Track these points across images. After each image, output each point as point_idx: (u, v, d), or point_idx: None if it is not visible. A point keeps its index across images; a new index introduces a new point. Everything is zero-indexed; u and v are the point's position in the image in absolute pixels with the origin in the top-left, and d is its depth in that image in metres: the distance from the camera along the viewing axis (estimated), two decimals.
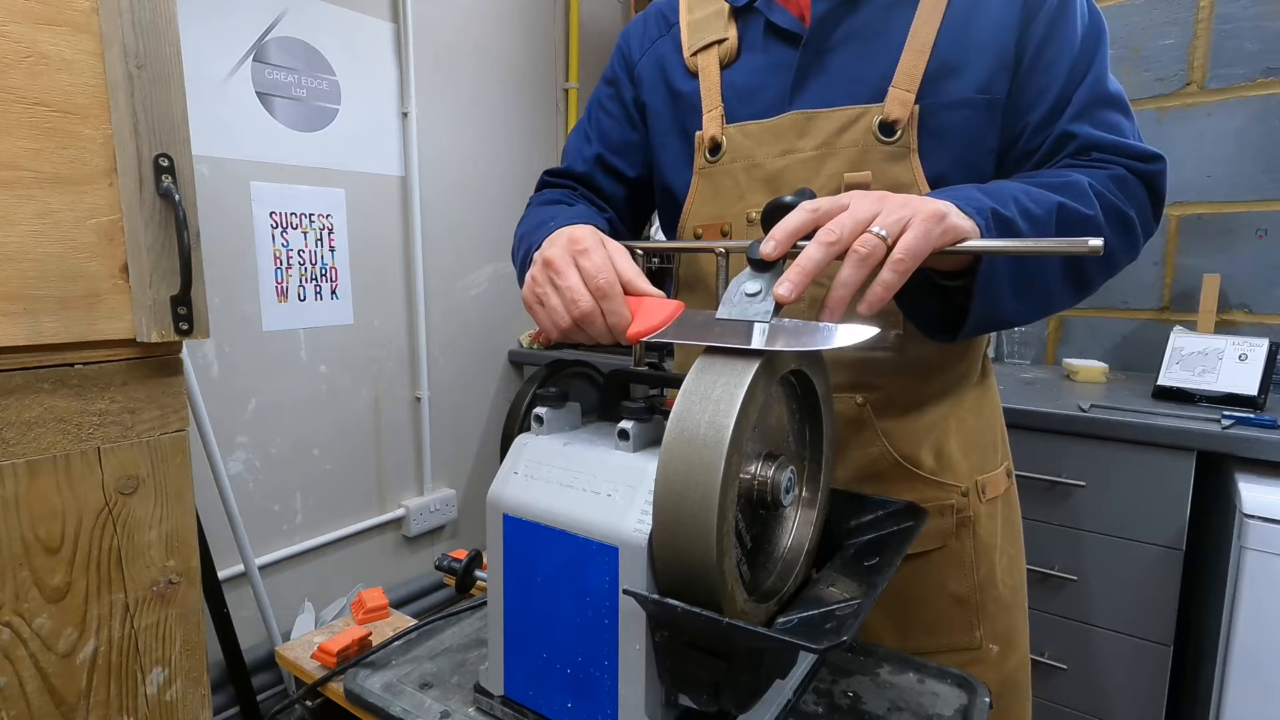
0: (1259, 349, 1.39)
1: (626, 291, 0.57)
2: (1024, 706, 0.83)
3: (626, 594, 0.49)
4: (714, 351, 0.50)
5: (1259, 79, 1.57)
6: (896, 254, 0.50)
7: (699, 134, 0.77)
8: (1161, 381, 1.45)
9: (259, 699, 1.56)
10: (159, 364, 0.81)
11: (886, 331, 0.72)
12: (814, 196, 0.55)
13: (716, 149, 0.76)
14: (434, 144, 1.95)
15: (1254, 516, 1.10)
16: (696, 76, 0.78)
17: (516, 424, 0.65)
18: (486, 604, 0.62)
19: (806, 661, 0.63)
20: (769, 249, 0.52)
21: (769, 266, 0.52)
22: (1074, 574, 1.37)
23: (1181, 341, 1.48)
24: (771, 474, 0.51)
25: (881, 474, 0.75)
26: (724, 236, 0.76)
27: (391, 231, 1.88)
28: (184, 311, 0.79)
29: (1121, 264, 0.68)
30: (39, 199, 0.70)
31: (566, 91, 2.33)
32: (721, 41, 0.76)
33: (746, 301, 0.52)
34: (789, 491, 0.52)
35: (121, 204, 0.75)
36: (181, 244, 0.77)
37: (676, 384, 0.50)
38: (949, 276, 0.62)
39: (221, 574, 1.50)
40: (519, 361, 2.26)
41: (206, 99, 1.49)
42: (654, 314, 0.55)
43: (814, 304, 0.71)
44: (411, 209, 1.90)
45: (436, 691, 0.64)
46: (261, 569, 1.61)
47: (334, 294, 1.76)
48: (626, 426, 0.54)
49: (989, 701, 0.61)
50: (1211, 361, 1.42)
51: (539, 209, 0.82)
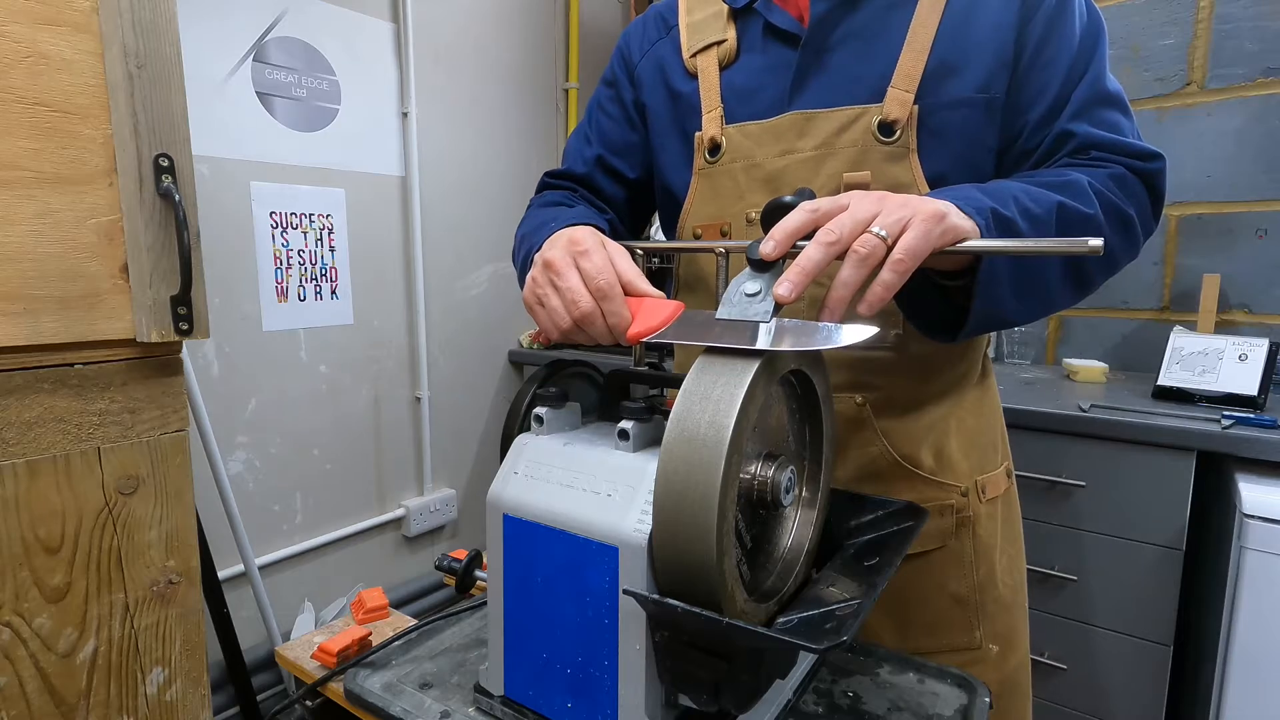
0: (1259, 349, 1.39)
1: (627, 292, 0.57)
2: (1024, 706, 0.83)
3: (626, 594, 0.49)
4: (714, 351, 0.50)
5: (1259, 79, 1.57)
6: (896, 254, 0.50)
7: (698, 134, 0.77)
8: (1161, 381, 1.45)
9: (259, 699, 1.56)
10: (159, 364, 0.81)
11: (886, 331, 0.72)
12: (814, 196, 0.55)
13: (716, 149, 0.76)
14: (434, 144, 1.95)
15: (1254, 516, 1.10)
16: (696, 78, 0.78)
17: (516, 424, 0.65)
18: (486, 604, 0.62)
19: (806, 661, 0.63)
20: (769, 249, 0.52)
21: (769, 266, 0.52)
22: (1074, 574, 1.37)
23: (1181, 341, 1.48)
24: (771, 474, 0.51)
25: (881, 474, 0.75)
26: (724, 236, 0.76)
27: (391, 231, 1.88)
28: (184, 311, 0.79)
29: (1122, 263, 0.68)
30: (39, 199, 0.70)
31: (566, 92, 2.33)
32: (721, 43, 0.76)
33: (746, 301, 0.52)
34: (789, 491, 0.52)
35: (121, 204, 0.75)
36: (181, 244, 0.77)
37: (676, 384, 0.50)
38: (949, 276, 0.62)
39: (221, 574, 1.50)
40: (519, 361, 2.26)
41: (206, 99, 1.49)
42: (654, 314, 0.56)
43: (814, 304, 0.72)
44: (411, 209, 1.90)
45: (436, 691, 0.64)
46: (261, 569, 1.61)
47: (334, 294, 1.76)
48: (626, 426, 0.54)
49: (989, 701, 0.61)
50: (1211, 361, 1.42)
51: (539, 210, 0.82)
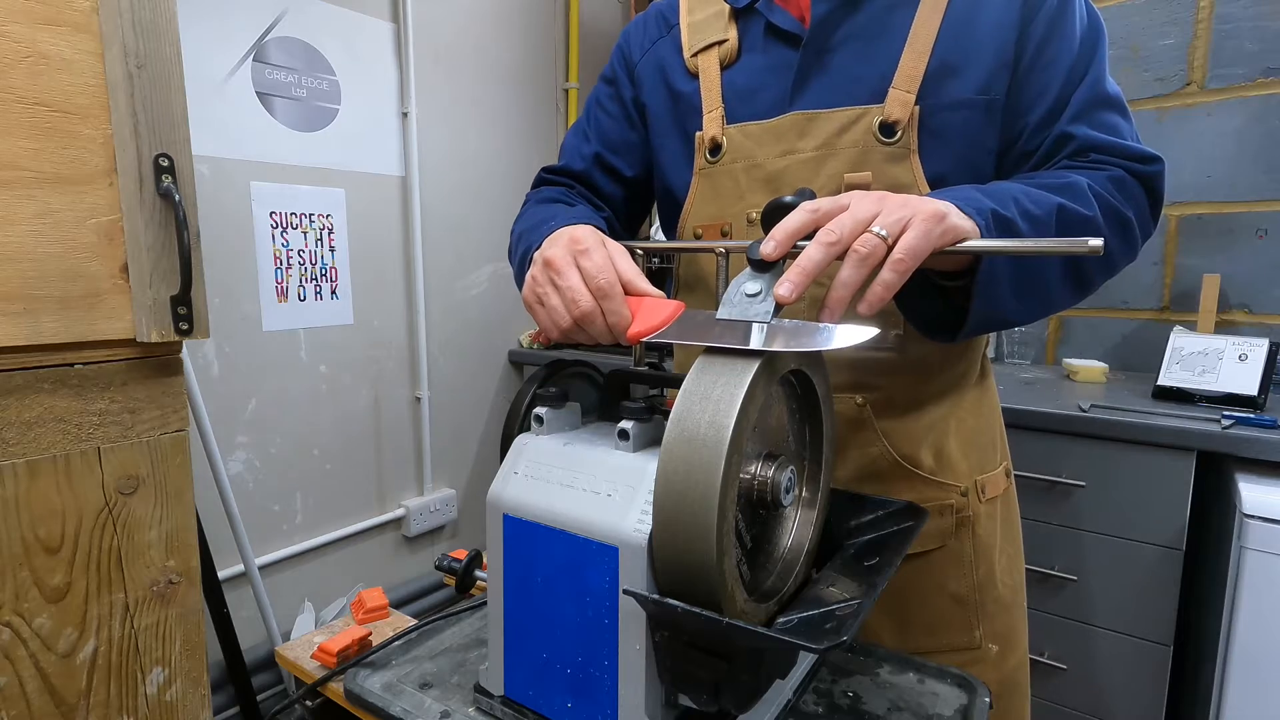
0: (1259, 349, 1.39)
1: (627, 291, 0.57)
2: (1023, 706, 0.83)
3: (626, 594, 0.49)
4: (714, 352, 0.50)
5: (1259, 79, 1.57)
6: (896, 254, 0.50)
7: (699, 134, 0.77)
8: (1161, 381, 1.45)
9: (259, 699, 1.56)
10: (159, 364, 0.81)
11: (886, 332, 0.72)
12: (814, 197, 0.55)
13: (717, 149, 0.76)
14: (434, 144, 1.95)
15: (1254, 516, 1.10)
16: (697, 77, 0.78)
17: (516, 424, 0.65)
18: (486, 604, 0.62)
19: (806, 661, 0.63)
20: (769, 249, 0.52)
21: (769, 267, 0.52)
22: (1074, 574, 1.37)
23: (1181, 341, 1.48)
24: (771, 474, 0.51)
25: (881, 474, 0.75)
26: (724, 237, 0.76)
27: (391, 231, 1.88)
28: (184, 311, 0.79)
29: (1121, 265, 0.68)
30: (39, 199, 0.70)
31: (566, 91, 2.33)
32: (722, 42, 0.76)
33: (747, 302, 0.52)
34: (789, 491, 0.52)
35: (121, 204, 0.75)
36: (181, 244, 0.77)
37: (676, 384, 0.50)
38: (949, 277, 0.62)
39: (221, 574, 1.50)
40: (519, 361, 2.26)
41: (206, 99, 1.49)
42: (654, 314, 0.56)
43: (814, 304, 0.71)
44: (411, 209, 1.90)
45: (436, 691, 0.63)
46: (261, 569, 1.61)
47: (334, 294, 1.76)
48: (626, 426, 0.54)
49: (989, 701, 0.61)
50: (1211, 361, 1.42)
51: (537, 207, 0.82)
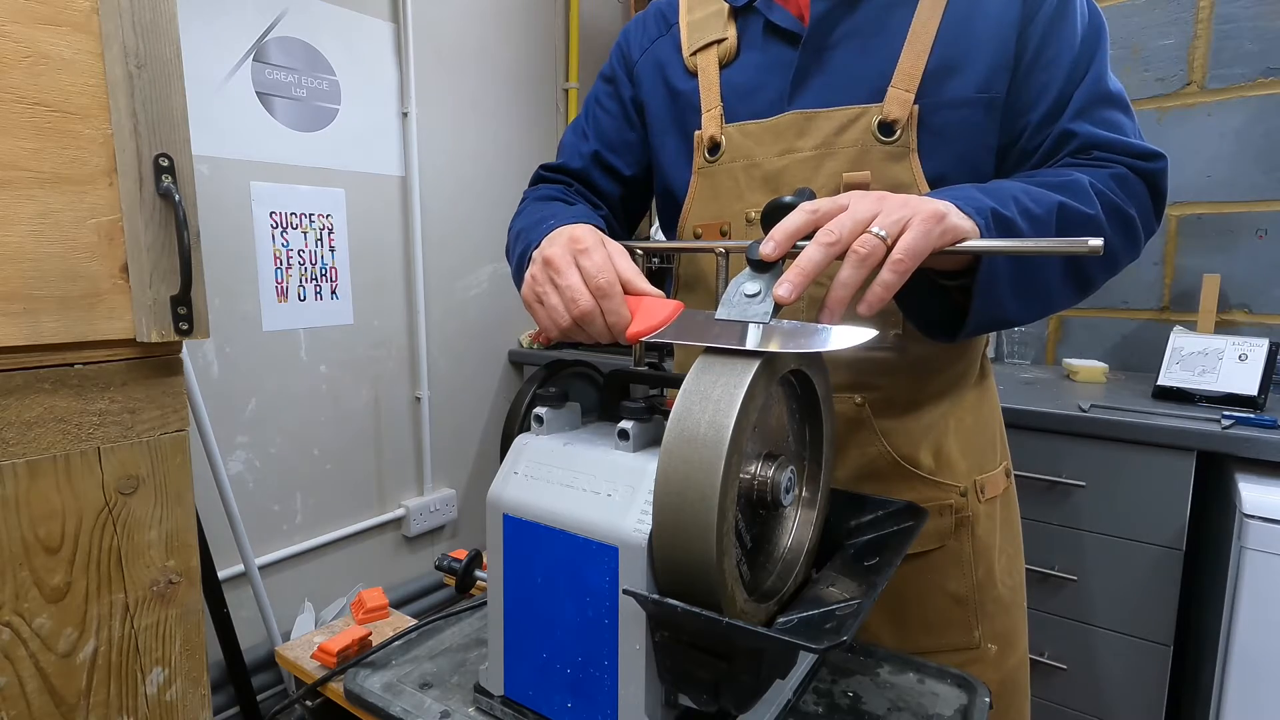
0: (1259, 349, 1.39)
1: (626, 291, 0.57)
2: (1023, 706, 0.83)
3: (626, 594, 0.49)
4: (714, 352, 0.50)
5: (1259, 79, 1.57)
6: (896, 254, 0.50)
7: (698, 134, 0.77)
8: (1161, 381, 1.45)
9: (259, 699, 1.56)
10: (159, 364, 0.81)
11: (886, 332, 0.72)
12: (814, 196, 0.55)
13: (715, 148, 0.76)
14: (434, 144, 1.95)
15: (1254, 516, 1.10)
16: (696, 76, 0.78)
17: (516, 424, 0.65)
18: (486, 604, 0.62)
19: (806, 661, 0.63)
20: (768, 250, 0.52)
21: (768, 267, 0.52)
22: (1074, 574, 1.37)
23: (1181, 341, 1.48)
24: (771, 474, 0.51)
25: (880, 474, 0.75)
26: (723, 236, 0.76)
27: (391, 231, 1.88)
28: (184, 311, 0.79)
29: (1123, 263, 0.68)
30: (39, 199, 0.70)
31: (566, 91, 2.33)
32: (721, 41, 0.76)
33: (746, 302, 0.52)
34: (789, 491, 0.52)
35: (121, 204, 0.75)
36: (181, 244, 0.77)
37: (676, 384, 0.50)
38: (949, 276, 0.61)
39: (221, 574, 1.50)
40: (519, 361, 2.26)
41: (206, 99, 1.49)
42: (653, 314, 0.55)
43: (814, 304, 0.71)
44: (411, 209, 1.90)
45: (436, 691, 0.63)
46: (261, 569, 1.61)
47: (334, 294, 1.76)
48: (626, 426, 0.54)
49: (989, 701, 0.61)
50: (1211, 361, 1.42)
51: (536, 205, 0.82)
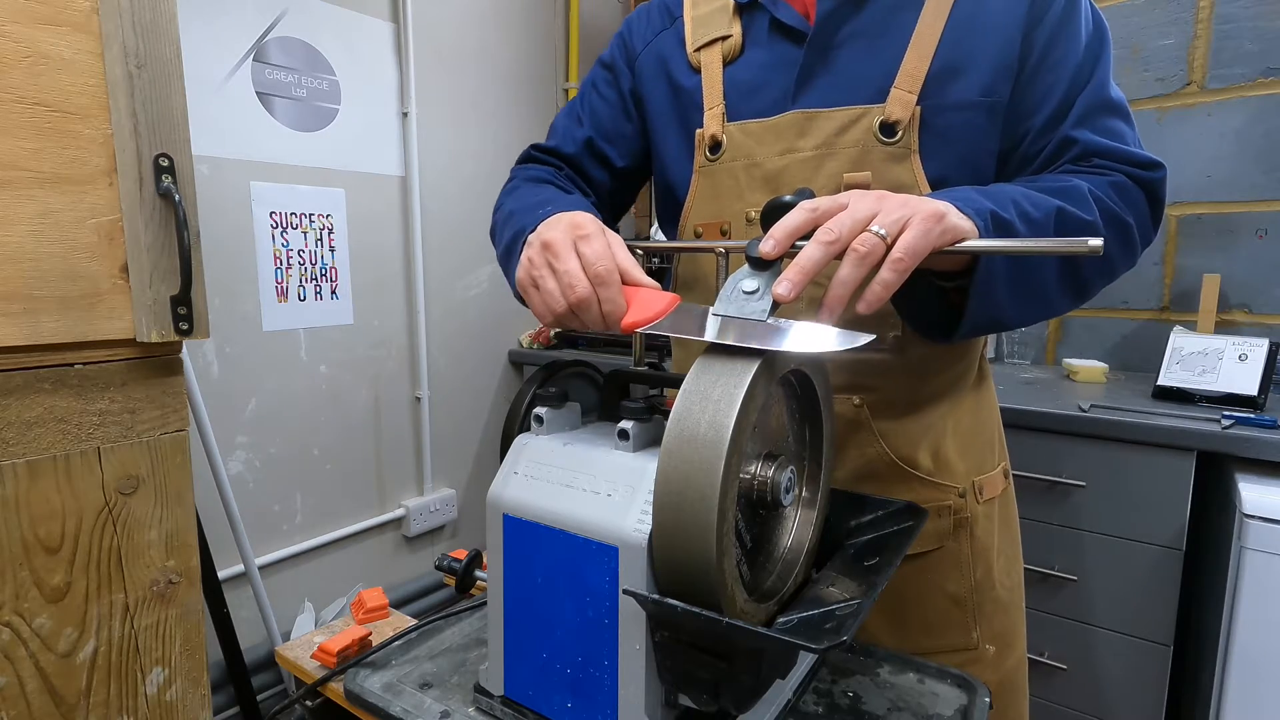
0: (1259, 349, 1.39)
1: (624, 282, 0.56)
2: (1021, 706, 0.83)
3: (626, 594, 0.49)
4: (714, 351, 0.50)
5: (1259, 79, 1.57)
6: (896, 253, 0.50)
7: (699, 132, 0.77)
8: (1161, 381, 1.45)
9: (259, 699, 1.56)
10: (159, 364, 0.81)
11: (885, 333, 0.72)
12: (813, 196, 0.55)
13: (716, 147, 0.76)
14: (434, 144, 1.95)
15: (1254, 516, 1.10)
16: (699, 72, 0.77)
17: (516, 424, 0.65)
18: (486, 604, 0.62)
19: (806, 661, 0.63)
20: (768, 248, 0.52)
21: (768, 265, 0.52)
22: (1074, 574, 1.37)
23: (1181, 341, 1.48)
24: (771, 474, 0.51)
25: (878, 475, 0.75)
26: (724, 236, 0.76)
27: (391, 231, 1.88)
28: (184, 311, 0.79)
29: (1119, 270, 0.68)
30: (39, 199, 0.70)
31: (566, 91, 2.33)
32: (725, 38, 0.76)
33: (744, 299, 0.52)
34: (789, 491, 0.52)
35: (121, 204, 0.75)
36: (181, 244, 0.77)
37: (676, 384, 0.50)
38: (946, 277, 0.61)
39: (221, 574, 1.50)
40: (519, 361, 2.26)
41: (206, 99, 1.49)
42: (649, 305, 0.55)
43: (813, 304, 0.71)
44: (411, 209, 1.90)
45: (436, 691, 0.63)
46: (261, 569, 1.61)
47: (334, 294, 1.76)
48: (626, 426, 0.54)
49: (989, 702, 0.61)
50: (1211, 361, 1.42)
51: (530, 187, 0.80)
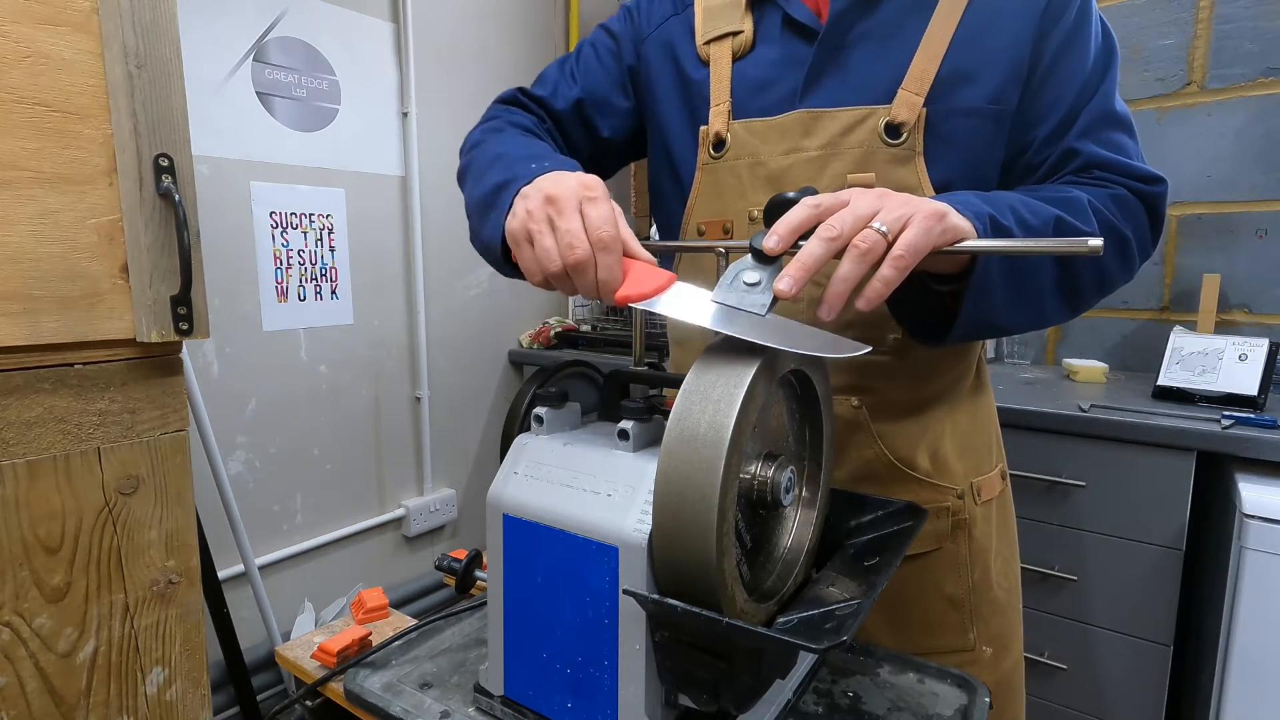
0: (1259, 349, 1.39)
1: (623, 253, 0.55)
2: (1019, 707, 0.83)
3: (626, 594, 0.49)
4: (714, 351, 0.50)
5: (1259, 79, 1.57)
6: (897, 250, 0.50)
7: (703, 129, 0.76)
8: (1161, 381, 1.45)
9: (259, 699, 1.56)
10: (159, 364, 0.81)
11: (885, 335, 0.72)
12: (816, 193, 0.54)
13: (720, 145, 0.75)
14: (434, 144, 1.95)
15: (1254, 516, 1.10)
16: (707, 65, 0.77)
17: (516, 424, 0.65)
18: (486, 604, 0.62)
19: (806, 661, 0.63)
20: (772, 244, 0.51)
21: (771, 260, 0.52)
22: (1074, 574, 1.37)
23: (1181, 341, 1.48)
24: (771, 474, 0.51)
25: (877, 476, 0.75)
26: (726, 235, 0.76)
27: (391, 231, 1.88)
28: (184, 311, 0.79)
29: (1116, 283, 0.68)
30: (39, 199, 0.70)
31: None
32: (737, 34, 0.75)
33: (745, 290, 0.51)
34: (789, 491, 0.52)
35: (121, 204, 0.75)
36: (181, 244, 0.77)
37: (676, 384, 0.50)
38: (941, 281, 0.61)
39: (221, 574, 1.50)
40: (519, 361, 2.26)
41: (206, 99, 1.49)
42: (645, 280, 0.53)
43: (813, 304, 0.71)
44: (411, 209, 1.90)
45: (436, 691, 0.63)
46: (261, 569, 1.61)
47: (334, 294, 1.76)
48: (626, 426, 0.54)
49: (989, 702, 0.61)
50: (1211, 361, 1.42)
51: (517, 133, 0.77)
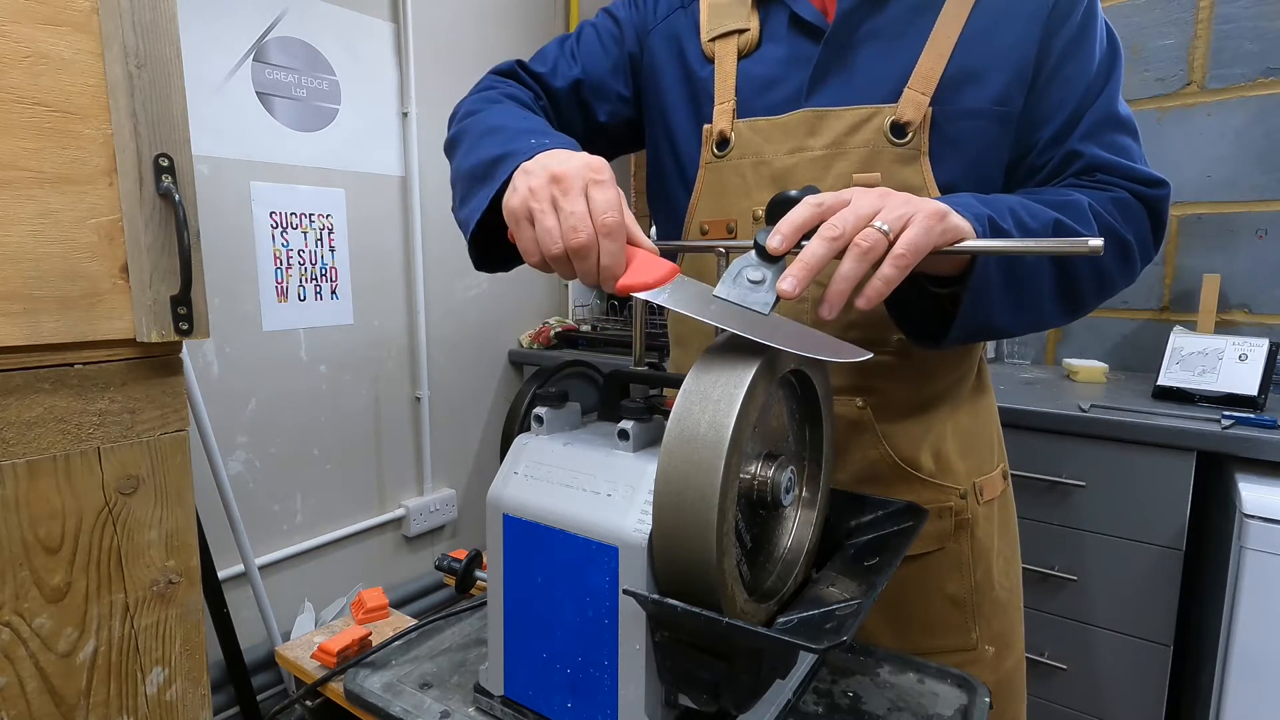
0: (1259, 349, 1.39)
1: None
2: (1019, 706, 0.83)
3: (626, 594, 0.49)
4: (714, 351, 0.50)
5: (1259, 79, 1.57)
6: (898, 249, 0.50)
7: (707, 127, 0.76)
8: (1161, 381, 1.45)
9: (259, 699, 1.56)
10: (159, 364, 0.81)
11: (888, 335, 0.72)
12: (819, 192, 0.54)
13: (724, 144, 0.75)
14: (434, 144, 1.95)
15: (1254, 516, 1.10)
16: (712, 62, 0.76)
17: (516, 424, 0.65)
18: (486, 604, 0.62)
19: (806, 661, 0.63)
20: (775, 243, 0.51)
21: (775, 258, 0.52)
22: (1074, 574, 1.37)
23: (1181, 341, 1.48)
24: (771, 474, 0.51)
25: (881, 476, 0.75)
26: (730, 234, 0.76)
27: (391, 231, 1.88)
28: (184, 311, 0.79)
29: (1117, 286, 0.68)
30: (39, 199, 0.70)
31: None
32: (742, 32, 0.74)
33: (748, 287, 0.51)
34: (789, 491, 0.52)
35: (121, 204, 0.75)
36: (181, 244, 0.77)
37: (676, 384, 0.50)
38: (940, 283, 0.61)
39: (221, 574, 1.50)
40: (519, 361, 2.26)
41: (206, 99, 1.49)
42: (647, 270, 0.53)
43: (816, 303, 0.71)
44: (411, 209, 1.90)
45: (436, 691, 0.63)
46: (261, 569, 1.61)
47: (334, 294, 1.76)
48: (626, 426, 0.54)
49: (989, 702, 0.61)
50: (1211, 361, 1.42)
51: (515, 107, 0.76)
